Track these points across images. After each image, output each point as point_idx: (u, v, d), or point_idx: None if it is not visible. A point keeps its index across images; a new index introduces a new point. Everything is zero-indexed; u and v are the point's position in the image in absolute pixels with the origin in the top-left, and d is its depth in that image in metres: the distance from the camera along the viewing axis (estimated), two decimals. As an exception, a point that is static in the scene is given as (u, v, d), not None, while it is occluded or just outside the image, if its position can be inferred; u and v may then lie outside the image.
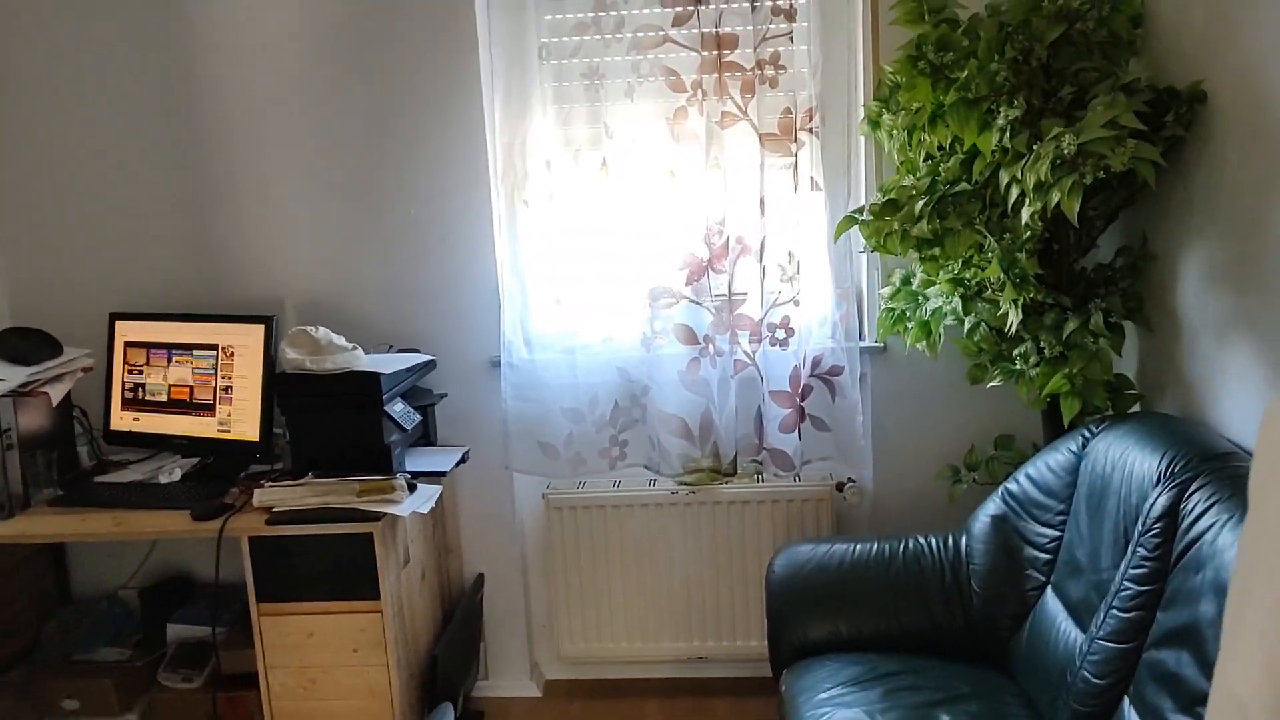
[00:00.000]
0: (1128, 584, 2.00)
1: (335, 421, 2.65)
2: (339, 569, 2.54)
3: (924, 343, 2.74)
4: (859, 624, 2.54)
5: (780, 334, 2.90)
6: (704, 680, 3.21)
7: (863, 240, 2.66)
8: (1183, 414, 2.43)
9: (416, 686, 2.69)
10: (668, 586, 3.15)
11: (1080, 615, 2.20)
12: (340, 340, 2.69)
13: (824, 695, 2.32)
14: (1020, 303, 2.40)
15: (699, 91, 2.83)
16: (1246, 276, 2.10)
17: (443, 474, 2.81)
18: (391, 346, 3.06)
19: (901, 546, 2.64)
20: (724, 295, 2.90)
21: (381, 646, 2.55)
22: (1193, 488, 1.94)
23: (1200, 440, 2.09)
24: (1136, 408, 2.59)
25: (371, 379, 2.63)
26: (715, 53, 2.80)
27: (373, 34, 2.93)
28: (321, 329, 2.70)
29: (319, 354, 2.65)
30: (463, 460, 2.95)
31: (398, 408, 2.73)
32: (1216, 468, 1.96)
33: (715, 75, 2.81)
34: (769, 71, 2.81)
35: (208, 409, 2.90)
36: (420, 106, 2.95)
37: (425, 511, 2.58)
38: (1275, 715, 0.92)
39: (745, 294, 2.92)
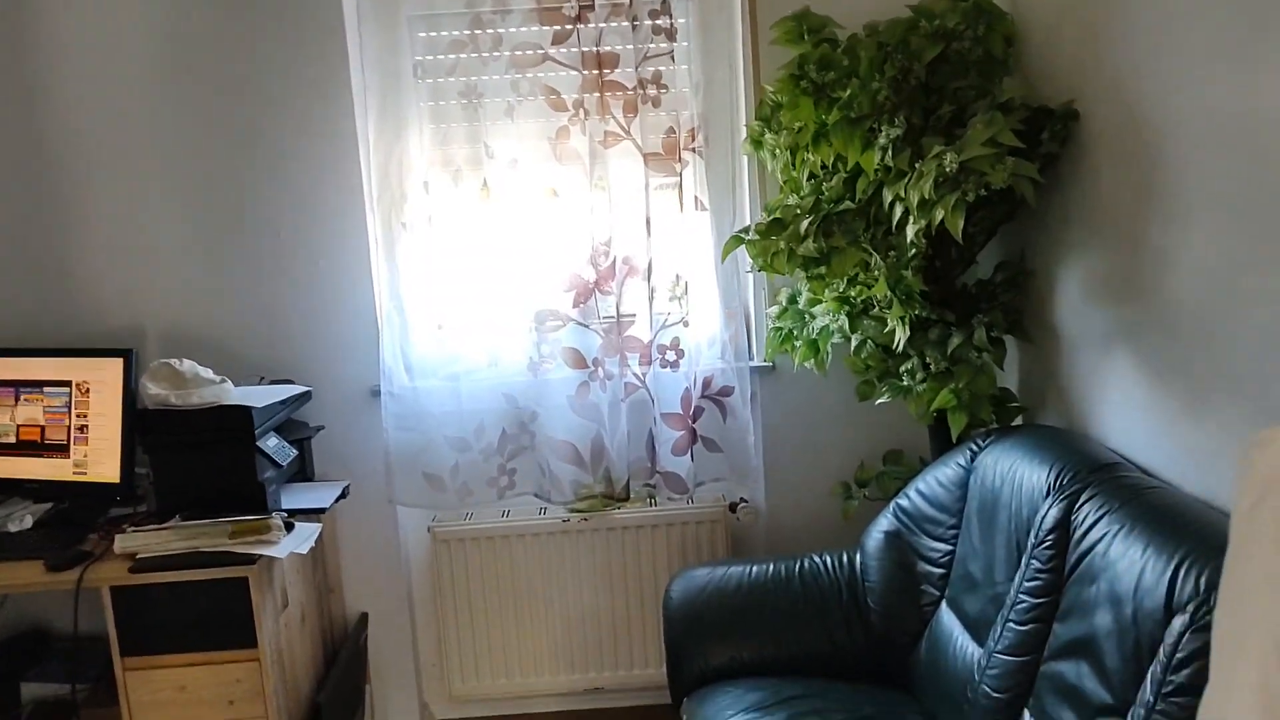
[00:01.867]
0: (1023, 596, 2.01)
1: (204, 460, 2.49)
2: (211, 617, 2.38)
3: (812, 361, 2.74)
4: (759, 648, 2.50)
5: (670, 355, 2.86)
6: (602, 711, 3.13)
7: (749, 260, 2.65)
8: (1066, 425, 2.48)
9: (299, 738, 2.55)
10: (561, 617, 3.06)
11: (977, 629, 2.21)
12: (207, 373, 2.54)
13: (726, 723, 2.28)
14: (907, 319, 2.42)
15: (581, 111, 2.78)
16: (1125, 289, 2.15)
17: (322, 511, 2.67)
18: (263, 378, 2.90)
19: (798, 566, 2.62)
20: (612, 317, 2.85)
21: (260, 697, 2.40)
22: (1082, 499, 1.97)
23: (1086, 452, 2.13)
24: (1019, 420, 2.64)
25: (242, 413, 2.48)
26: (596, 72, 2.76)
27: (238, 49, 2.79)
28: (186, 361, 2.53)
29: (184, 388, 2.49)
30: (343, 495, 2.81)
31: (271, 442, 2.59)
32: (1104, 479, 1.99)
33: (597, 94, 2.77)
34: (651, 91, 2.78)
35: (61, 450, 2.69)
36: (289, 125, 2.82)
37: (304, 552, 2.45)
38: None
39: (634, 315, 2.87)
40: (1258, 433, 0.93)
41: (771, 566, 2.63)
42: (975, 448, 2.45)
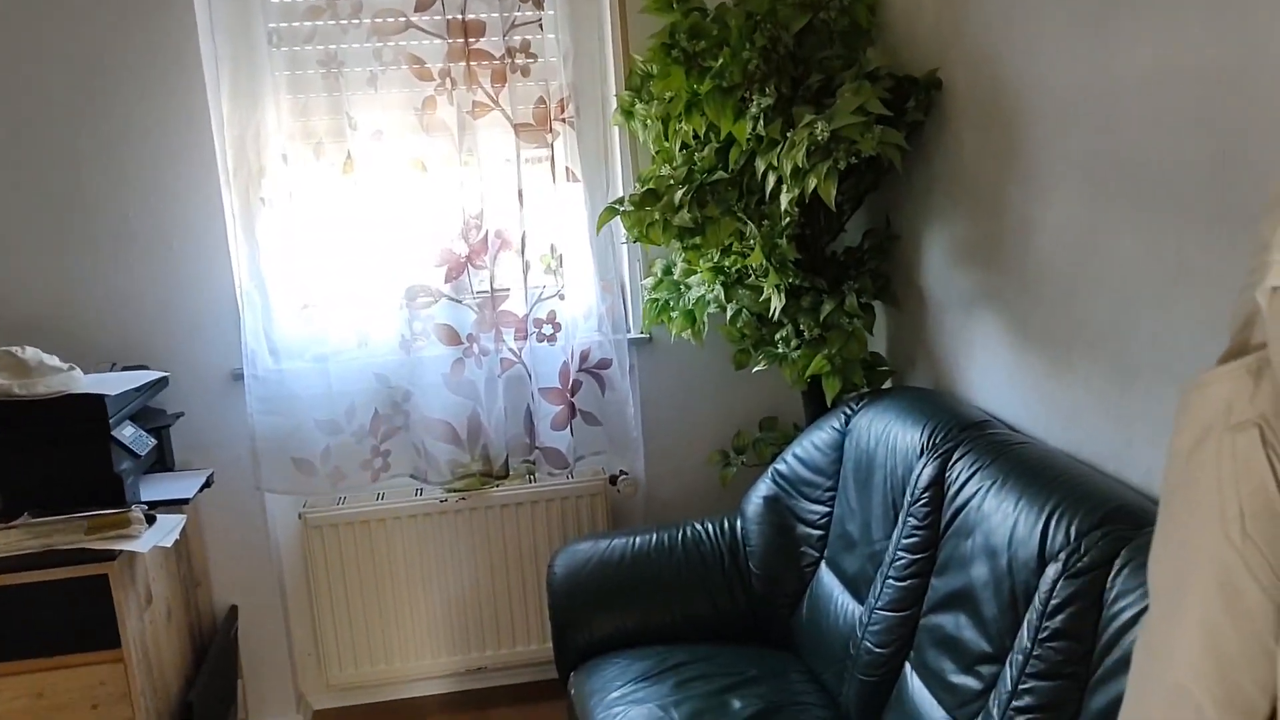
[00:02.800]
0: (901, 553, 2.07)
1: (54, 453, 2.33)
2: (70, 618, 2.24)
3: (689, 331, 2.76)
4: (645, 617, 2.51)
5: (547, 329, 2.83)
6: (486, 691, 3.10)
7: (624, 231, 2.64)
8: (935, 386, 2.56)
9: (169, 739, 2.43)
10: (441, 599, 3.01)
11: (857, 587, 2.26)
12: (53, 360, 2.38)
13: (615, 694, 2.28)
14: (783, 288, 2.45)
15: (448, 80, 2.71)
16: (989, 252, 2.23)
17: (185, 501, 2.55)
18: (116, 365, 2.74)
19: (680, 534, 2.64)
20: (486, 292, 2.80)
21: (126, 699, 2.27)
22: (955, 456, 2.04)
23: (957, 411, 2.20)
24: (889, 383, 2.71)
25: (94, 402, 2.33)
26: (462, 40, 2.69)
27: (74, 15, 2.60)
28: (29, 349, 2.37)
29: (28, 377, 2.33)
30: (207, 484, 2.68)
31: (127, 432, 2.45)
32: (975, 436, 2.06)
33: (464, 64, 2.70)
34: (520, 60, 2.72)
35: (-111, 449, 2.48)
36: (134, 97, 2.65)
37: (168, 545, 2.33)
38: (1225, 704, 0.94)
39: (508, 290, 2.82)
40: (1196, 374, 0.97)
41: (654, 536, 2.64)
42: (849, 411, 2.51)
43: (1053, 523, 1.69)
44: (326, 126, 2.72)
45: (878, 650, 2.07)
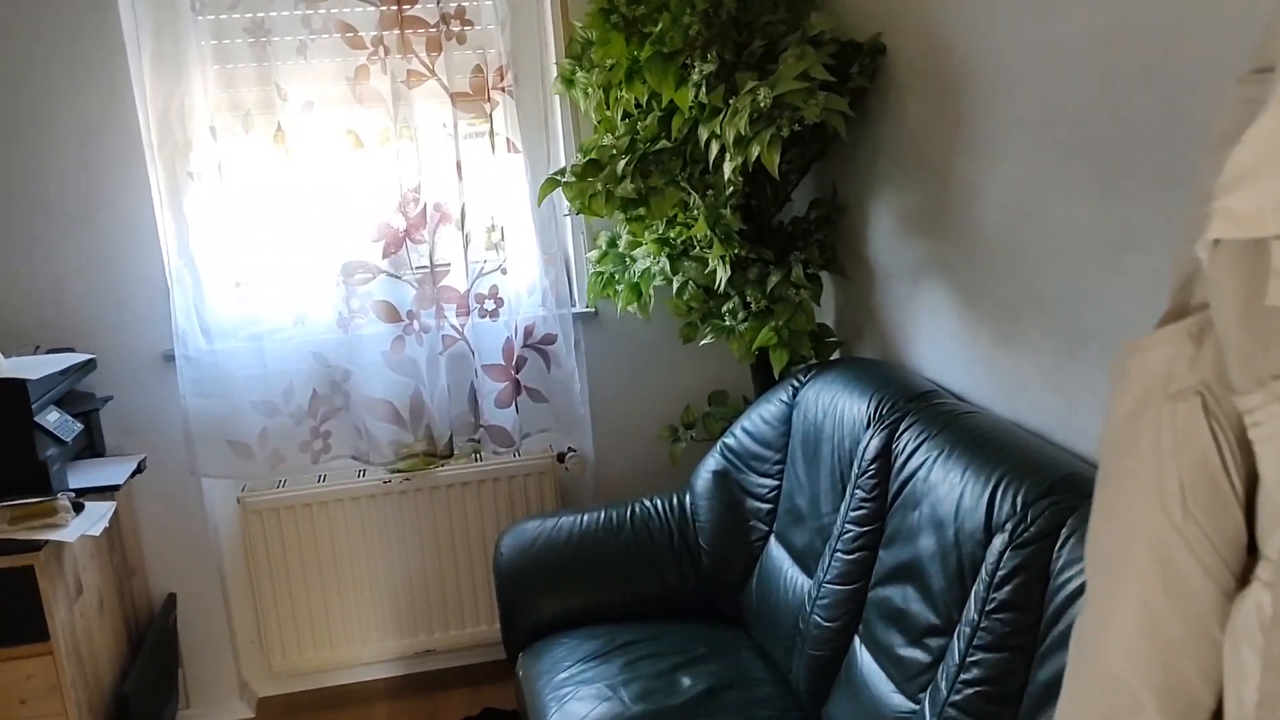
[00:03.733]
0: (849, 526, 2.05)
1: (-28, 441, 2.24)
2: (-7, 612, 2.16)
3: (635, 305, 2.71)
4: (593, 597, 2.48)
5: (490, 304, 2.76)
6: (434, 673, 3.05)
7: (567, 203, 2.57)
8: (882, 357, 2.53)
9: (104, 733, 2.36)
10: (387, 582, 2.95)
11: (806, 561, 2.24)
12: (-29, 344, 2.28)
13: (563, 675, 2.24)
14: (728, 259, 2.40)
15: (381, 49, 2.62)
16: (935, 221, 2.20)
17: (115, 488, 2.46)
18: (39, 347, 2.64)
19: (629, 512, 2.60)
20: (425, 267, 2.73)
21: (57, 693, 2.20)
22: (902, 427, 2.01)
23: (904, 382, 2.17)
24: (836, 355, 2.68)
25: (15, 387, 2.24)
26: (395, 7, 2.60)
27: (-18, -19, 2.48)
28: (-56, 333, 2.27)
29: (-57, 363, 2.23)
30: (139, 470, 2.60)
31: (52, 417, 2.36)
32: (922, 407, 2.03)
33: (397, 31, 2.61)
34: (455, 27, 2.64)
35: None
36: (51, 68, 2.54)
37: (97, 534, 2.25)
38: (1164, 694, 0.89)
39: (448, 265, 2.75)
40: (1133, 339, 0.92)
41: (602, 515, 2.59)
42: (797, 383, 2.48)
43: (999, 493, 1.67)
44: (255, 98, 2.62)
45: (827, 624, 2.04)
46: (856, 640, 1.98)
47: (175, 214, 2.61)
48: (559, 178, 2.56)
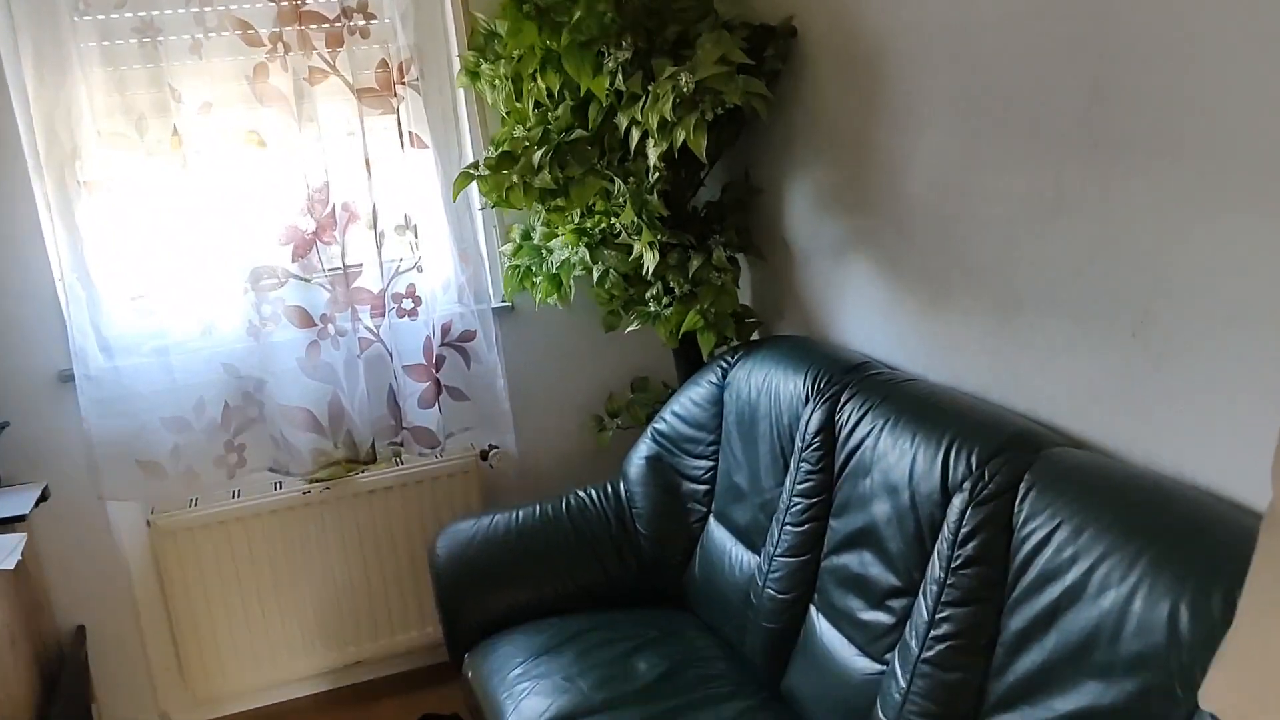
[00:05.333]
0: (797, 499, 2.09)
1: None
2: (-101, 661, 2.01)
3: (555, 296, 2.70)
4: (537, 591, 2.46)
5: (408, 304, 2.71)
6: (368, 684, 2.97)
7: (481, 197, 2.54)
8: (806, 334, 2.59)
9: (26, 778, 2.22)
10: (311, 595, 2.86)
11: (750, 538, 2.27)
12: None
13: (516, 672, 2.22)
14: (655, 245, 2.42)
15: (280, 45, 2.53)
16: (856, 197, 2.26)
17: (21, 519, 2.32)
18: (-80, 375, 2.46)
19: (564, 504, 2.59)
20: (338, 269, 2.65)
21: (-25, 742, 2.06)
22: (843, 400, 2.07)
23: (836, 356, 2.23)
24: (757, 335, 2.73)
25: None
26: (292, 1, 2.51)
27: None
28: None
29: None
30: (43, 498, 2.45)
31: (-52, 448, 2.21)
32: (859, 378, 2.09)
33: (296, 26, 2.53)
34: (357, 21, 2.58)
35: None
36: (-82, 74, 2.37)
37: (11, 567, 2.11)
38: None
39: (361, 265, 2.68)
40: None
41: (537, 509, 2.58)
42: (725, 365, 2.51)
43: (953, 454, 1.73)
44: (148, 101, 2.49)
45: (780, 596, 2.08)
46: (812, 610, 2.03)
47: (66, 225, 2.46)
48: (473, 171, 2.53)
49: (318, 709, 2.90)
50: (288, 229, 2.61)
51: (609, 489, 2.62)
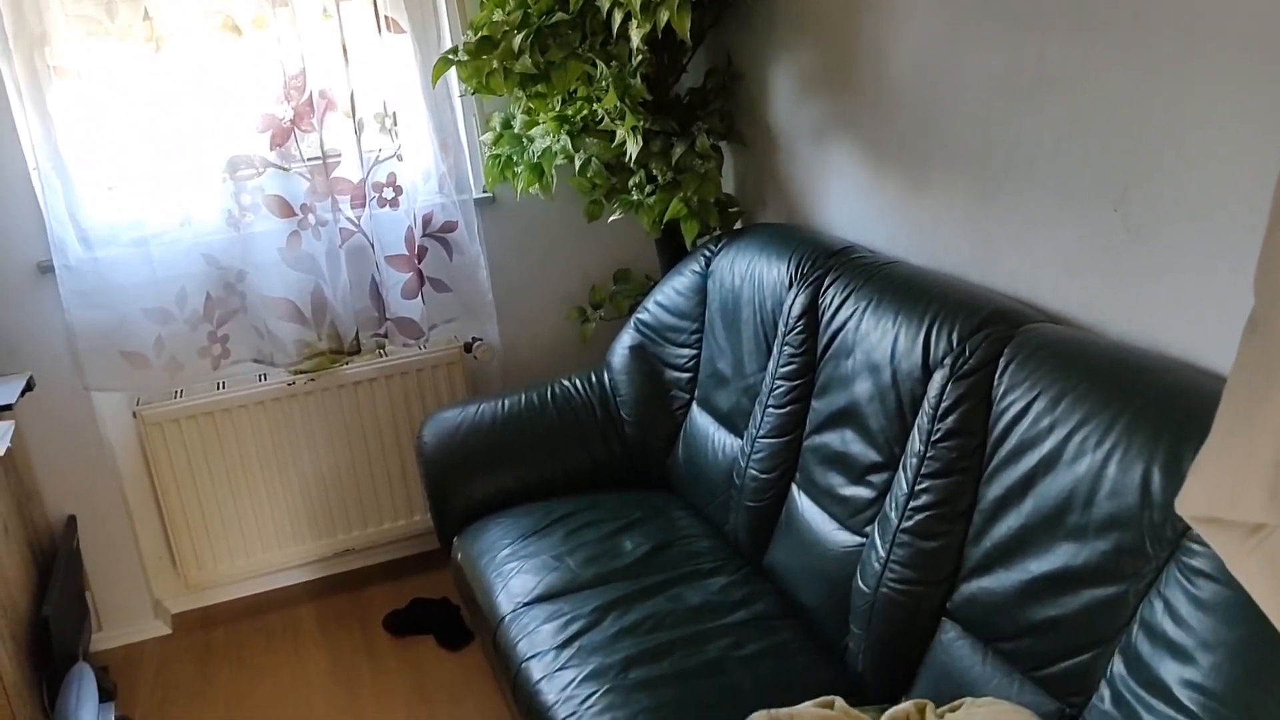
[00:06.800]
0: (780, 381, 2.12)
1: None
2: (-105, 545, 2.03)
3: (537, 185, 2.68)
4: (523, 476, 2.50)
5: (389, 193, 2.69)
6: (358, 571, 3.04)
7: (460, 83, 2.51)
8: (789, 221, 2.59)
9: (26, 659, 2.27)
10: (299, 484, 2.90)
11: (733, 422, 2.32)
12: None
13: (504, 552, 2.27)
14: (639, 130, 2.40)
15: (251, -76, 2.46)
16: (838, 80, 2.25)
17: (8, 408, 2.33)
18: (-103, 265, 2.44)
19: (549, 393, 2.62)
20: (316, 158, 2.62)
21: (-26, 622, 2.10)
22: (826, 283, 2.09)
23: (818, 241, 2.24)
24: (740, 223, 2.73)
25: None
26: (262, -123, 2.44)
27: None
28: None
29: None
30: (28, 388, 2.46)
31: (-70, 337, 2.20)
32: (842, 262, 2.11)
33: (267, -96, 2.45)
34: (330, -101, 2.50)
35: None
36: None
37: (1, 454, 2.13)
38: None
39: (340, 155, 2.65)
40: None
41: (523, 397, 2.61)
42: (708, 253, 2.52)
43: (934, 332, 1.76)
44: (117, -18, 2.43)
45: (763, 476, 2.13)
46: (794, 488, 2.08)
47: (39, 112, 2.41)
48: (452, 57, 2.49)
49: (309, 596, 2.97)
50: (265, 117, 2.57)
51: (593, 378, 2.65)
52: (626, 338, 2.64)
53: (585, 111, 2.56)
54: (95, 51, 2.44)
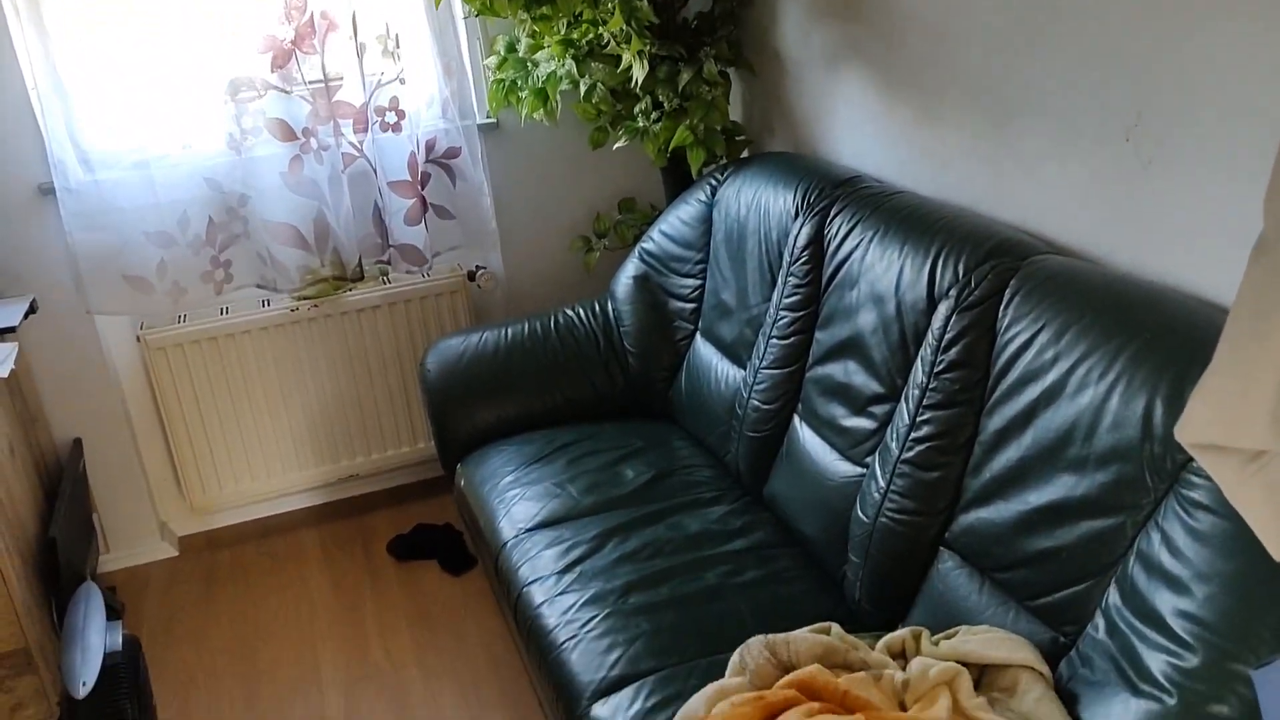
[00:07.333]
0: (784, 313, 2.12)
1: None
2: (-98, 464, 2.05)
3: (541, 111, 2.64)
4: (526, 404, 2.51)
5: (391, 118, 2.65)
6: (360, 497, 3.06)
7: (464, 5, 2.46)
8: (795, 150, 2.56)
9: (35, 578, 2.30)
10: (303, 410, 2.91)
11: (736, 353, 2.31)
12: None
13: (507, 479, 2.29)
14: (645, 55, 2.36)
15: None
16: (850, 6, 2.20)
17: (11, 330, 2.33)
18: (-103, 185, 2.42)
19: (552, 322, 2.61)
20: (319, 81, 2.58)
21: (-17, 542, 2.12)
22: (832, 213, 2.07)
23: (826, 170, 2.22)
24: (746, 152, 2.70)
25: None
26: None
27: None
28: None
29: None
30: (31, 311, 2.45)
31: (-69, 258, 2.19)
32: (849, 192, 2.09)
33: None
34: None
35: None
36: None
37: (4, 374, 2.13)
38: None
39: (341, 77, 2.61)
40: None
41: (526, 325, 2.60)
42: (714, 183, 2.50)
43: (939, 264, 1.75)
44: (112, -106, 2.37)
45: (765, 407, 2.13)
46: (796, 419, 2.08)
47: (37, 30, 2.37)
48: (456, -23, 2.44)
49: (313, 520, 3.00)
50: (266, 38, 2.53)
51: (596, 308, 2.64)
52: (630, 267, 2.63)
53: (591, 35, 2.51)
54: (92, -32, 2.39)
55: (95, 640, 1.92)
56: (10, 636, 2.18)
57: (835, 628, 1.56)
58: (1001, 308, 1.61)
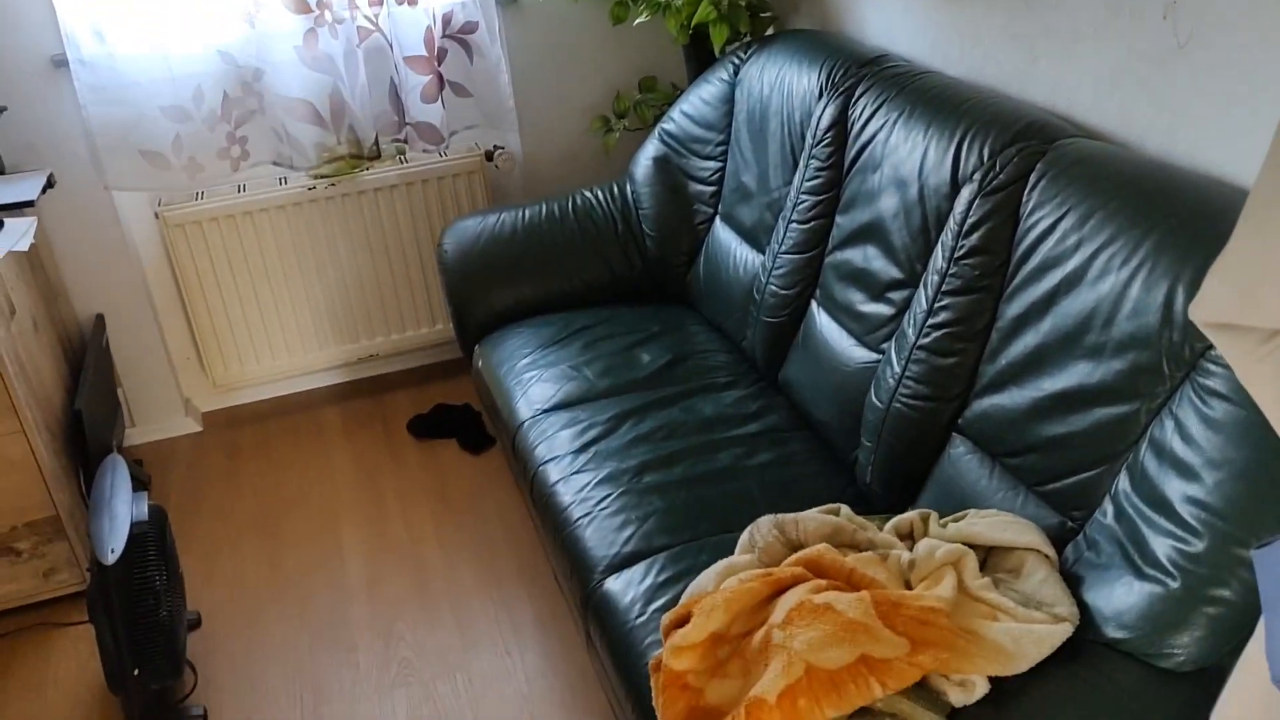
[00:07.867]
0: (804, 196, 2.08)
1: None
2: (-73, 336, 2.07)
3: (561, -16, 2.57)
4: (543, 287, 2.51)
5: (407, -11, 2.59)
6: (380, 377, 3.09)
7: None
8: (821, 28, 2.49)
9: (62, 449, 2.35)
10: (323, 289, 2.92)
11: (756, 237, 2.29)
12: None
13: (524, 361, 2.30)
14: (668, -75, 2.28)
15: None
16: (884, -125, 2.11)
17: (30, 204, 2.33)
18: (-91, 55, 2.39)
19: (570, 204, 2.59)
20: (332, -50, 2.51)
21: (11, 411, 2.16)
22: (857, 94, 2.02)
23: (852, 49, 2.16)
24: (771, 30, 2.62)
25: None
26: None
27: None
28: None
29: None
30: (49, 185, 2.45)
31: (-53, 130, 2.18)
32: (875, 71, 2.03)
33: None
34: None
35: None
36: None
37: (25, 249, 2.14)
38: None
39: (356, -53, 2.54)
40: None
41: (544, 207, 2.58)
42: (737, 61, 2.44)
43: (964, 146, 1.71)
44: None
45: (783, 292, 2.12)
46: (813, 304, 2.07)
47: (42, -108, 2.31)
48: None
49: (334, 399, 3.03)
50: (276, -96, 2.45)
51: (614, 190, 2.61)
52: (650, 148, 2.59)
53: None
54: None
55: (122, 509, 1.97)
56: (40, 504, 2.24)
57: (844, 509, 1.58)
58: (1026, 192, 1.58)
